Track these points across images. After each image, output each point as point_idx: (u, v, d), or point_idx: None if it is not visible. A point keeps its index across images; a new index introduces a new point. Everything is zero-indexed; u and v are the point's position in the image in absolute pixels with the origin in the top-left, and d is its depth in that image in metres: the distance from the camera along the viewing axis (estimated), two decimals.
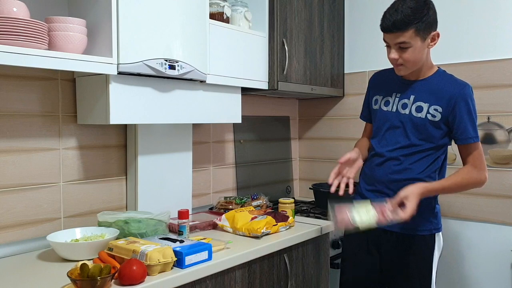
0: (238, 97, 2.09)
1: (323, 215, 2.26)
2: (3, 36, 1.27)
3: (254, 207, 2.07)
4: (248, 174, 2.54)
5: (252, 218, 1.85)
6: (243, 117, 2.18)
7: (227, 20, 1.99)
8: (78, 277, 1.21)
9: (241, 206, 2.08)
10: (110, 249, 1.43)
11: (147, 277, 1.31)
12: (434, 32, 1.58)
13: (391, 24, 1.53)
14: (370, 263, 1.77)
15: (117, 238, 1.53)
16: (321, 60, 2.51)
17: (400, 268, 1.70)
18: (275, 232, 1.85)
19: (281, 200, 2.07)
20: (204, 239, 1.61)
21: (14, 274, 1.37)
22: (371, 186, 1.76)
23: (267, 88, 2.19)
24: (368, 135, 1.90)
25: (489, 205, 2.26)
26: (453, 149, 2.36)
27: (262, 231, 1.77)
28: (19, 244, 1.58)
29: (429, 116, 1.65)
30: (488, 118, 2.26)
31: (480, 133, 2.27)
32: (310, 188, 2.54)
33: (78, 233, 1.59)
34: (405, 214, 1.50)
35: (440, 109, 1.63)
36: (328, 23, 2.57)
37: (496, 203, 2.24)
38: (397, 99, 1.71)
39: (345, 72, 2.73)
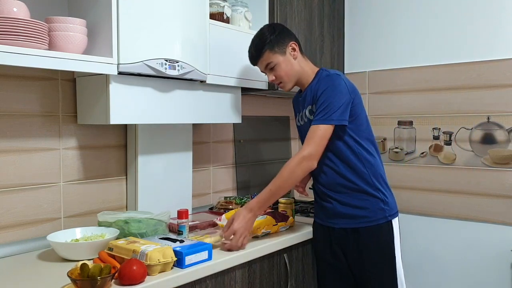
0: (238, 97, 2.09)
1: None
2: (3, 36, 1.27)
3: None
4: (248, 174, 2.54)
5: None
6: (243, 117, 2.18)
7: (227, 20, 1.99)
8: (78, 277, 1.21)
9: (241, 206, 2.08)
10: (110, 249, 1.43)
11: (147, 277, 1.31)
12: (290, 43, 1.76)
13: (251, 57, 1.80)
14: (341, 269, 1.79)
15: (117, 238, 1.53)
16: (321, 60, 2.51)
17: (366, 262, 1.72)
18: (275, 232, 1.85)
19: (281, 200, 2.06)
20: (202, 237, 1.61)
21: (14, 274, 1.37)
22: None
23: (267, 88, 2.19)
24: None
25: (489, 205, 2.26)
26: (453, 149, 2.37)
27: (262, 231, 1.77)
28: (19, 244, 1.58)
29: (310, 117, 1.73)
30: (488, 118, 2.26)
31: (480, 133, 2.29)
32: (310, 188, 2.54)
33: (78, 233, 1.59)
34: (235, 240, 1.59)
35: (314, 106, 1.72)
36: (328, 23, 2.57)
37: (496, 203, 2.24)
38: (303, 113, 1.82)
39: (345, 72, 2.73)
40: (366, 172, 1.71)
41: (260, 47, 1.75)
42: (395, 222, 1.74)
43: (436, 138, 2.42)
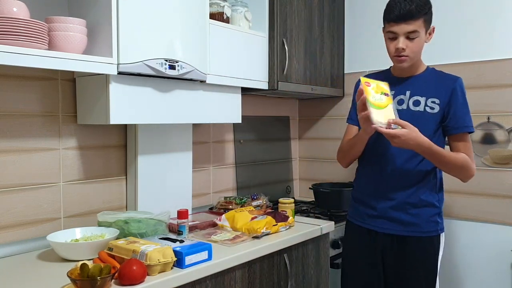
0: (238, 97, 2.09)
1: (323, 215, 2.26)
2: (3, 36, 1.27)
3: (254, 207, 2.07)
4: (248, 174, 2.54)
5: (252, 218, 1.85)
6: (243, 117, 2.18)
7: (227, 20, 1.99)
8: (78, 277, 1.21)
9: (241, 206, 2.08)
10: (110, 249, 1.43)
11: (147, 277, 1.31)
12: (432, 26, 1.66)
13: (407, 12, 1.55)
14: (374, 275, 1.74)
15: (117, 238, 1.53)
16: (321, 60, 2.51)
17: (405, 273, 1.67)
18: (275, 232, 1.85)
19: (281, 200, 2.06)
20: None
21: (14, 274, 1.37)
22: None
23: (267, 88, 2.19)
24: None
25: (489, 205, 2.26)
26: None
27: (262, 231, 1.77)
28: (19, 244, 1.58)
29: (427, 109, 1.66)
30: (488, 118, 2.26)
31: (480, 133, 2.28)
32: (310, 188, 2.54)
33: (78, 233, 1.59)
34: (392, 134, 1.50)
35: (437, 101, 1.65)
36: (328, 23, 2.57)
37: (496, 203, 2.24)
38: (396, 96, 1.72)
39: (345, 72, 2.73)
40: (438, 179, 1.70)
41: (420, 10, 1.55)
42: (443, 236, 1.71)
43: None
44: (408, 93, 1.70)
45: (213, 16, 1.92)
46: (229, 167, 2.45)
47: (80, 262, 1.25)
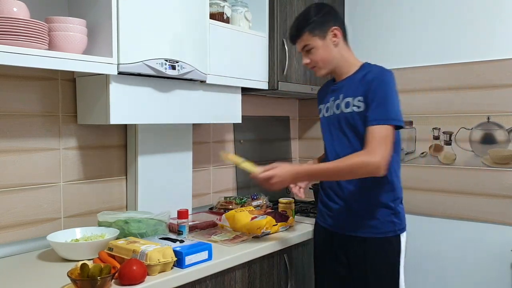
0: (238, 97, 2.09)
1: None
2: (3, 36, 1.27)
3: (254, 207, 2.07)
4: (248, 174, 2.53)
5: (252, 218, 1.84)
6: (243, 117, 2.18)
7: (227, 20, 1.99)
8: (78, 277, 1.21)
9: (241, 206, 2.08)
10: (110, 249, 1.43)
11: (147, 277, 1.31)
12: (332, 28, 1.65)
13: (290, 35, 1.72)
14: (343, 275, 1.72)
15: (117, 238, 1.53)
16: None
17: (367, 273, 1.65)
18: (275, 232, 1.85)
19: (281, 200, 2.07)
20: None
21: (14, 274, 1.37)
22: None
23: (267, 88, 2.19)
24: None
25: (489, 205, 2.26)
26: (453, 149, 2.37)
27: (262, 231, 1.77)
28: (19, 244, 1.58)
29: (355, 109, 1.62)
30: (488, 118, 2.26)
31: (480, 133, 2.28)
32: (310, 188, 2.53)
33: (78, 233, 1.59)
34: (264, 182, 1.58)
35: (362, 98, 1.61)
36: None
37: (496, 203, 2.24)
38: (332, 102, 1.72)
39: None
40: (390, 181, 1.64)
41: (301, 27, 1.66)
42: (403, 237, 1.68)
43: (436, 138, 2.42)
44: (341, 96, 1.68)
45: (213, 16, 1.92)
46: (229, 167, 2.45)
47: (80, 262, 1.25)
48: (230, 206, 2.11)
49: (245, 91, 2.16)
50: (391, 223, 1.64)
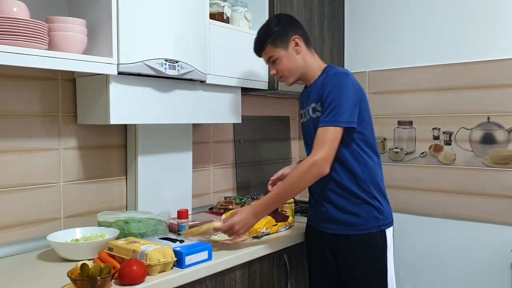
0: (238, 97, 2.09)
1: None
2: (3, 36, 1.27)
3: None
4: (248, 174, 2.54)
5: None
6: (243, 117, 2.18)
7: (227, 20, 1.99)
8: (78, 277, 1.21)
9: (241, 206, 2.08)
10: (110, 249, 1.43)
11: (147, 277, 1.31)
12: (293, 37, 1.69)
13: (254, 48, 1.78)
14: (332, 273, 1.74)
15: (117, 238, 1.53)
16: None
17: (354, 271, 1.67)
18: (275, 232, 1.85)
19: None
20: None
21: (14, 274, 1.37)
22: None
23: (267, 88, 2.19)
24: None
25: (489, 205, 2.26)
26: (453, 149, 2.37)
27: (262, 231, 1.77)
28: (19, 244, 1.58)
29: (317, 114, 1.65)
30: (488, 118, 2.26)
31: (480, 133, 2.29)
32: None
33: (78, 233, 1.59)
34: (229, 234, 1.60)
35: (320, 103, 1.64)
36: (328, 23, 2.57)
37: (496, 203, 2.24)
38: (306, 108, 1.75)
39: None
40: (364, 179, 1.64)
41: (263, 40, 1.72)
42: (389, 232, 1.68)
43: (436, 138, 2.43)
44: (309, 102, 1.72)
45: (213, 16, 1.92)
46: (229, 167, 2.45)
47: (80, 262, 1.25)
48: (230, 206, 2.11)
49: (245, 91, 2.16)
50: (374, 219, 1.66)
